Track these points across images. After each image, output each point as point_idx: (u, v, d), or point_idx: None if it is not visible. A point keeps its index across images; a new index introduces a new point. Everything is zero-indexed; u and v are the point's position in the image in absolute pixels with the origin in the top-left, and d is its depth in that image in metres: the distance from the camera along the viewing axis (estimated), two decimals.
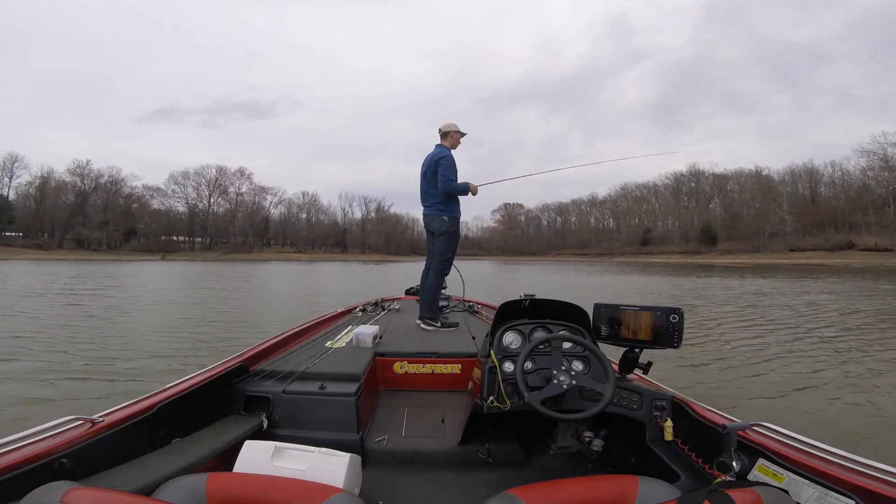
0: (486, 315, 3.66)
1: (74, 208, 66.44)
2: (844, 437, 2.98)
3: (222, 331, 7.02)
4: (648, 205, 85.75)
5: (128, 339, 6.20)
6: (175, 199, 78.70)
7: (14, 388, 4.00)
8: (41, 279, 17.83)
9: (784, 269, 31.74)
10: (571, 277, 24.11)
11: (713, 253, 66.95)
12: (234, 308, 10.10)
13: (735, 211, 71.77)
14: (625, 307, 1.62)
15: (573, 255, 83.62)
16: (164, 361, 5.04)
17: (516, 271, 33.38)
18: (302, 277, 22.75)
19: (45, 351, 5.43)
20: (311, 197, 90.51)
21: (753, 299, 11.66)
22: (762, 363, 5.00)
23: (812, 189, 67.38)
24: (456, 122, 3.41)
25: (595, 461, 1.74)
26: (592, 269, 36.63)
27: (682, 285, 17.11)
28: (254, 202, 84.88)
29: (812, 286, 16.08)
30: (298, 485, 1.02)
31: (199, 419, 1.55)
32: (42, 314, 8.42)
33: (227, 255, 69.96)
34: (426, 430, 1.94)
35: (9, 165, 64.69)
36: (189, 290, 14.44)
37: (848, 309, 9.43)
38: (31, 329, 6.81)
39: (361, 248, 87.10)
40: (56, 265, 32.81)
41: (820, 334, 6.54)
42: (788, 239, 61.60)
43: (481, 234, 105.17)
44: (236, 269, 32.46)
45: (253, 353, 2.09)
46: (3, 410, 3.48)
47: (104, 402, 1.83)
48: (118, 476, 1.11)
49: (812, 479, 1.00)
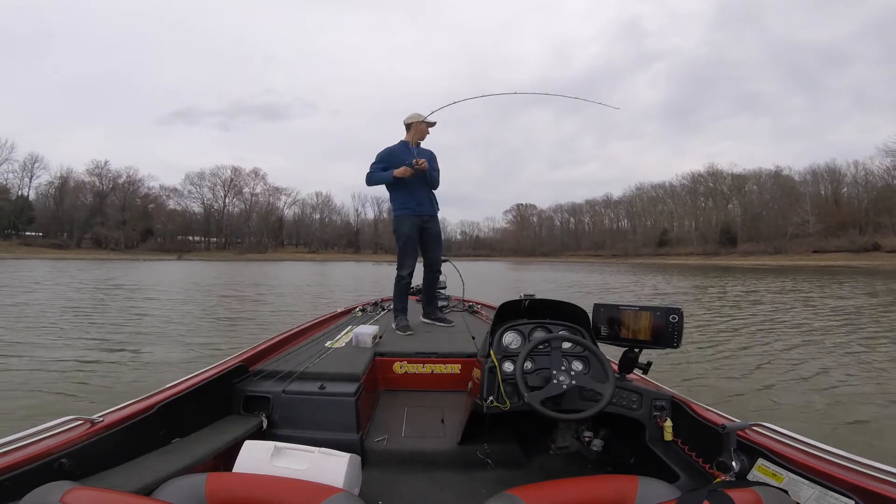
0: (485, 315, 3.64)
1: (93, 208, 67.95)
2: (844, 437, 2.91)
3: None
4: (664, 205, 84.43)
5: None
6: (191, 200, 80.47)
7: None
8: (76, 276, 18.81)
9: (809, 271, 30.87)
10: (608, 278, 23.76)
11: (733, 254, 65.37)
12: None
13: (755, 212, 70.21)
14: (624, 307, 1.61)
15: (587, 257, 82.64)
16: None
17: (530, 271, 33.32)
18: (326, 275, 24.87)
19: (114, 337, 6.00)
20: (325, 197, 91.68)
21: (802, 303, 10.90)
22: (764, 363, 4.92)
23: (835, 189, 65.53)
24: (422, 112, 3.14)
25: (595, 461, 1.73)
26: (615, 269, 36.35)
27: (728, 289, 15.79)
28: (268, 202, 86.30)
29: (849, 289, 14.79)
30: (298, 485, 1.02)
31: (198, 419, 1.56)
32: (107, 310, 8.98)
33: (242, 255, 71.02)
34: (426, 430, 1.93)
35: (29, 166, 66.26)
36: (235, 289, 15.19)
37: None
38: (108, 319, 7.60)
39: (374, 248, 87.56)
40: (87, 264, 34.03)
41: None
42: (811, 240, 59.85)
43: (493, 234, 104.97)
44: (257, 268, 33.79)
45: (253, 353, 2.10)
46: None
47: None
48: (118, 476, 1.11)
49: (811, 479, 1.00)
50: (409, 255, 3.15)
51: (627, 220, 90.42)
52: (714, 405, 1.48)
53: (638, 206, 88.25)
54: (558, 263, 59.97)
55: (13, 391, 3.75)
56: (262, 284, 17.28)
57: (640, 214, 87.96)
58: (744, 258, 61.05)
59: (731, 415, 1.37)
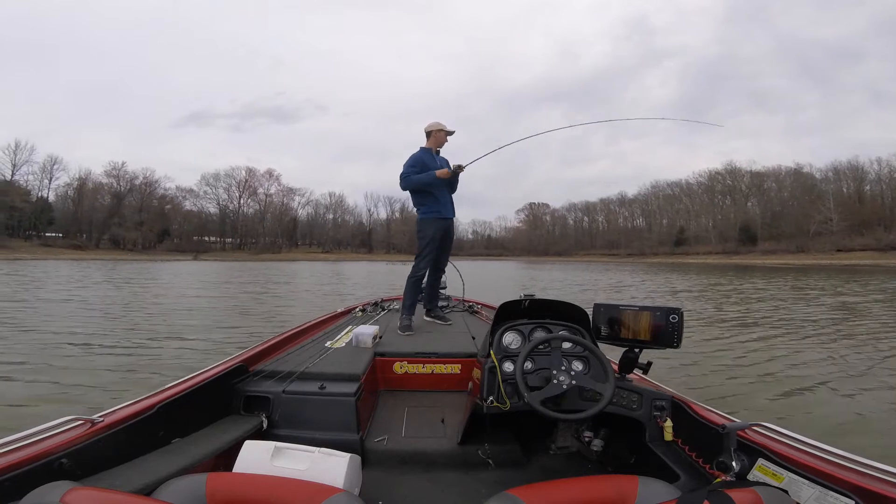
0: (485, 315, 3.64)
1: (111, 209, 69.00)
2: (844, 437, 2.88)
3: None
4: (680, 204, 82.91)
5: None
6: (206, 201, 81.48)
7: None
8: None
9: (834, 270, 30.03)
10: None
11: (754, 253, 63.82)
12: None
13: (775, 210, 68.54)
14: (625, 307, 1.61)
15: (602, 256, 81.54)
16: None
17: (543, 271, 33.18)
18: (342, 274, 26.02)
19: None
20: (338, 198, 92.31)
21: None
22: (766, 363, 4.81)
23: (857, 187, 63.64)
24: (442, 122, 3.32)
25: (595, 461, 1.72)
26: (631, 268, 35.90)
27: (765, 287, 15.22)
28: (282, 203, 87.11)
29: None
30: (298, 485, 1.02)
31: (198, 419, 1.56)
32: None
33: (257, 256, 71.86)
34: (426, 430, 1.94)
35: (48, 168, 67.17)
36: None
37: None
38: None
39: (386, 248, 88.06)
40: (115, 265, 35.24)
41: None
42: (834, 238, 58.13)
43: (505, 234, 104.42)
44: (276, 267, 35.08)
45: (253, 353, 2.11)
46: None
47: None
48: (118, 476, 1.12)
49: (812, 479, 0.99)
50: (430, 255, 3.28)
51: (643, 218, 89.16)
52: (714, 405, 1.47)
53: (653, 204, 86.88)
54: (573, 263, 59.50)
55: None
56: (290, 283, 18.49)
57: (656, 213, 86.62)
58: (765, 257, 59.63)
59: (732, 415, 1.37)
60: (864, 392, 3.78)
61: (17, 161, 62.98)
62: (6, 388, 3.66)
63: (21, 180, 64.43)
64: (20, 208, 59.00)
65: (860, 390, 3.83)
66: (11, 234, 57.82)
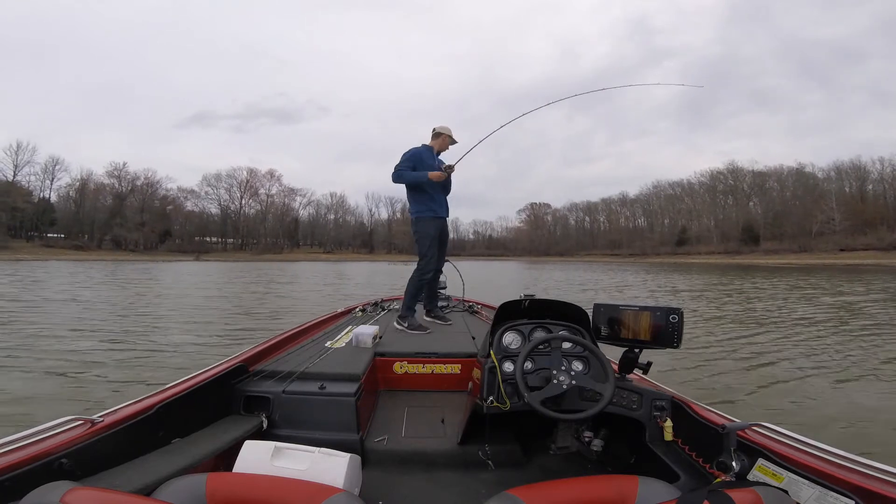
0: (485, 315, 3.64)
1: (112, 210, 69.26)
2: (844, 437, 2.87)
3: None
4: (682, 203, 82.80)
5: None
6: (208, 201, 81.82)
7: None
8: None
9: (838, 270, 29.87)
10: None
11: (756, 253, 63.82)
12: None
13: (777, 209, 68.40)
14: (625, 307, 1.60)
15: (603, 256, 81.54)
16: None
17: (545, 271, 33.18)
18: (345, 274, 26.45)
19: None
20: (339, 198, 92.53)
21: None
22: (767, 363, 4.81)
23: (860, 186, 63.55)
24: (451, 129, 3.37)
25: (595, 461, 1.71)
26: (635, 268, 35.84)
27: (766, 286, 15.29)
28: (283, 203, 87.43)
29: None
30: (298, 485, 1.02)
31: (198, 419, 1.56)
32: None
33: (258, 256, 72.00)
34: (426, 430, 1.93)
35: (50, 168, 67.48)
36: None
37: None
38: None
39: (388, 248, 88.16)
40: (120, 265, 35.38)
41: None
42: (837, 238, 58.00)
43: (506, 234, 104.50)
44: (278, 268, 35.32)
45: (253, 353, 2.10)
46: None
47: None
48: (118, 476, 1.11)
49: (812, 479, 0.99)
50: (434, 255, 3.28)
51: (644, 218, 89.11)
52: (714, 405, 1.47)
53: (655, 204, 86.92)
54: (574, 263, 59.44)
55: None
56: (292, 283, 18.65)
57: (658, 213, 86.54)
58: (768, 256, 59.53)
59: (732, 415, 1.36)
60: (865, 392, 3.78)
61: (19, 162, 63.61)
62: (6, 388, 3.68)
63: (23, 181, 64.98)
64: (22, 209, 59.25)
65: (861, 390, 3.83)
66: (13, 235, 58.17)
